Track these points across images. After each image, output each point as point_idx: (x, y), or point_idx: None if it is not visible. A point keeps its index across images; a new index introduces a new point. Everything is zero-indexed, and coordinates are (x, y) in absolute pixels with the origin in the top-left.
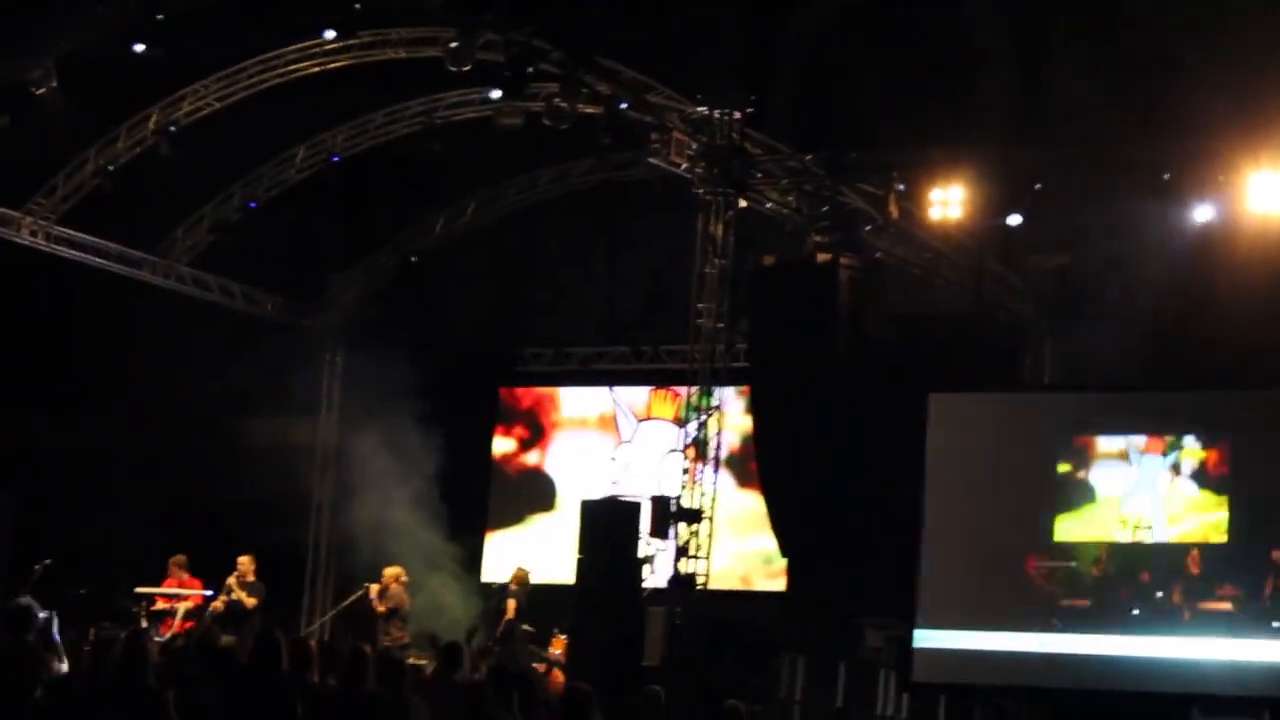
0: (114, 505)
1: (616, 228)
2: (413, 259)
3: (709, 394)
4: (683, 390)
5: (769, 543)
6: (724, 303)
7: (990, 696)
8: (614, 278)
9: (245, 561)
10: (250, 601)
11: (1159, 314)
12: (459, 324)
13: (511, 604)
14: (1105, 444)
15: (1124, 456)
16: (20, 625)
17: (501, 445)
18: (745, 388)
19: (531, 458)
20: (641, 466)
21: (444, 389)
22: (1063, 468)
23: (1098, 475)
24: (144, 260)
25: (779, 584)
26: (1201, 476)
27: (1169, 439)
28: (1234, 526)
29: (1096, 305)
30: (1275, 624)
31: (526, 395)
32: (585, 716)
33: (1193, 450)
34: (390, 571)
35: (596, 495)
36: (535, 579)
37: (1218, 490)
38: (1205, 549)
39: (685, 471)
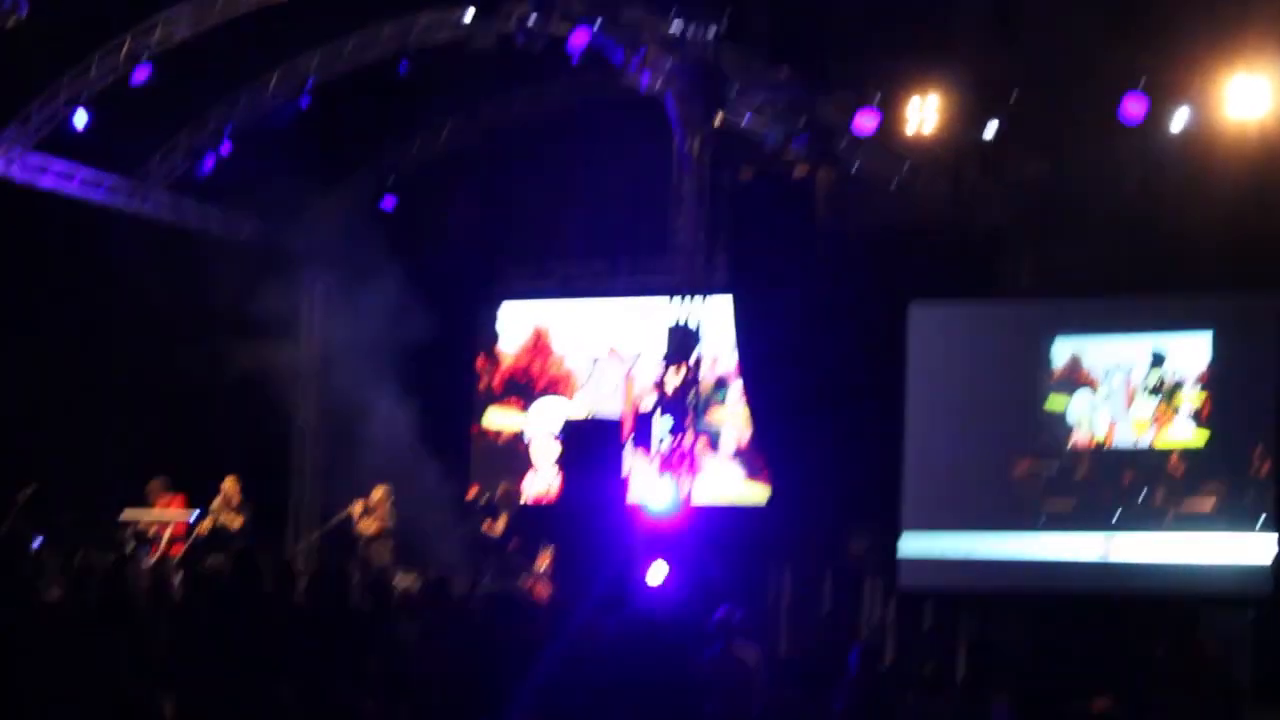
0: (96, 430)
1: (594, 146)
2: (390, 180)
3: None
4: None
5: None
6: (703, 218)
7: (976, 601)
8: (593, 196)
9: (230, 484)
10: (236, 524)
11: (1138, 218)
12: (438, 244)
13: (502, 519)
14: (1086, 347)
15: (1106, 359)
16: (13, 552)
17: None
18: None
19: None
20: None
21: (424, 308)
22: (1044, 373)
23: (1080, 379)
24: (121, 187)
25: (763, 494)
26: (1183, 378)
27: (1150, 341)
28: (1215, 426)
29: (1075, 211)
30: (1258, 522)
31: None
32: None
33: (1174, 352)
34: (377, 492)
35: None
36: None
37: (1199, 390)
38: (1187, 450)
39: (667, 384)
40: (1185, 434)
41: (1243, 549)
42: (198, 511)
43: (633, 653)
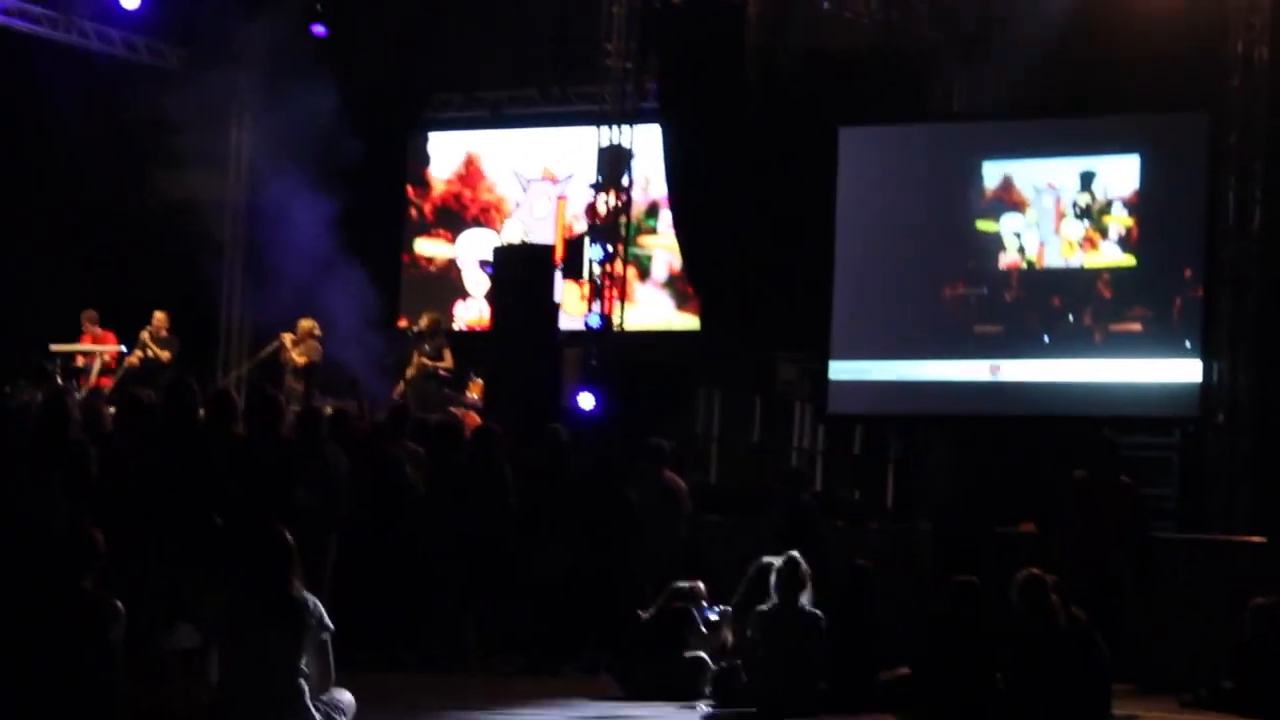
0: (22, 263)
1: None
2: (318, 6)
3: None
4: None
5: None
6: (633, 42)
7: (904, 425)
8: (522, 19)
9: (160, 317)
10: (165, 356)
11: (1068, 39)
12: (367, 72)
13: (423, 349)
14: (1015, 170)
15: (1034, 182)
16: None
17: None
18: None
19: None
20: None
21: (353, 136)
22: (974, 195)
23: (1009, 202)
24: (44, 16)
25: (693, 322)
26: (1111, 199)
27: (1079, 162)
28: (1143, 247)
29: (1006, 32)
30: (1186, 343)
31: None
32: (492, 455)
33: (1103, 173)
34: (304, 324)
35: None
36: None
37: (1127, 212)
38: (1116, 271)
39: (598, 210)
40: (1114, 256)
41: (1171, 370)
42: (125, 346)
43: (562, 483)
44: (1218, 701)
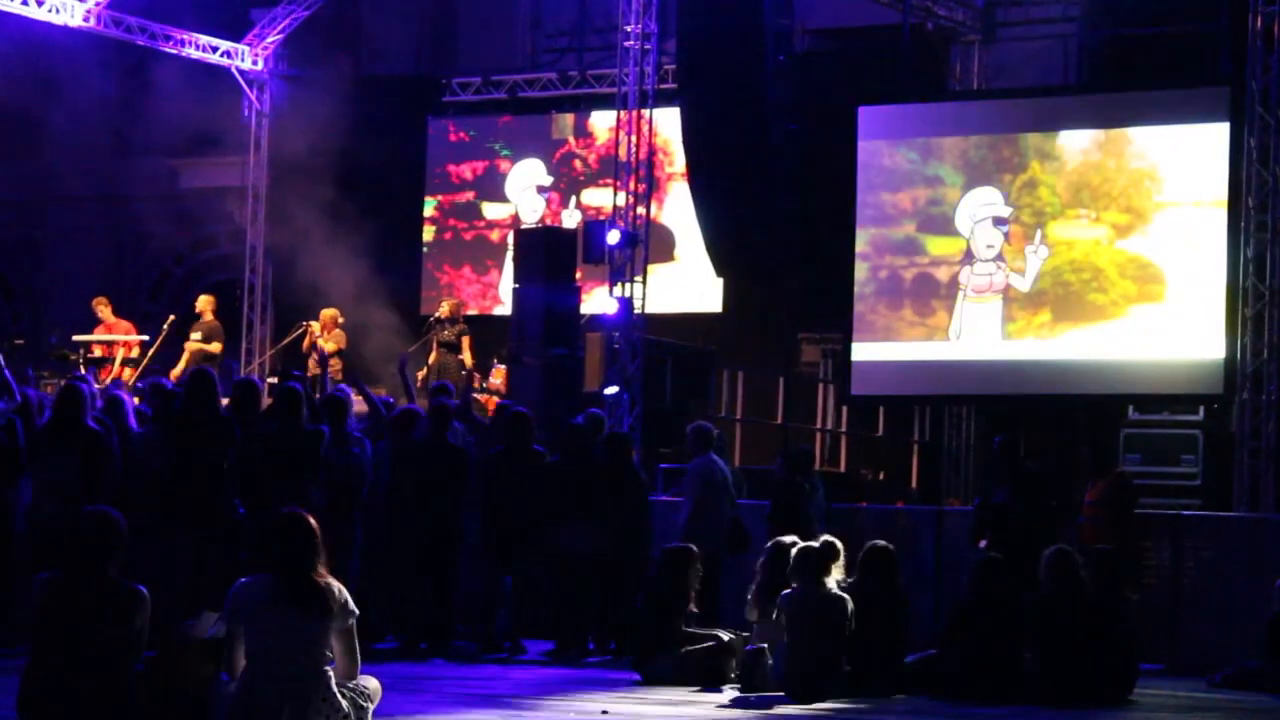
0: (46, 251)
1: None
2: None
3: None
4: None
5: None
6: (651, 23)
7: (929, 406)
8: (540, 2)
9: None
10: (214, 348)
11: (1089, 17)
12: (386, 56)
13: (443, 335)
14: (1038, 144)
15: (1055, 158)
16: None
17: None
18: None
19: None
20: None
21: (373, 122)
22: (997, 174)
23: (1031, 180)
24: (60, 5)
25: (716, 304)
26: (1135, 174)
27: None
28: (1165, 224)
29: (1025, 9)
30: (1209, 321)
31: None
32: (525, 438)
33: (1126, 149)
34: (328, 313)
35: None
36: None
37: (1149, 187)
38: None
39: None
40: (1137, 231)
41: (1194, 348)
42: (148, 336)
43: (585, 467)
44: (1246, 680)
